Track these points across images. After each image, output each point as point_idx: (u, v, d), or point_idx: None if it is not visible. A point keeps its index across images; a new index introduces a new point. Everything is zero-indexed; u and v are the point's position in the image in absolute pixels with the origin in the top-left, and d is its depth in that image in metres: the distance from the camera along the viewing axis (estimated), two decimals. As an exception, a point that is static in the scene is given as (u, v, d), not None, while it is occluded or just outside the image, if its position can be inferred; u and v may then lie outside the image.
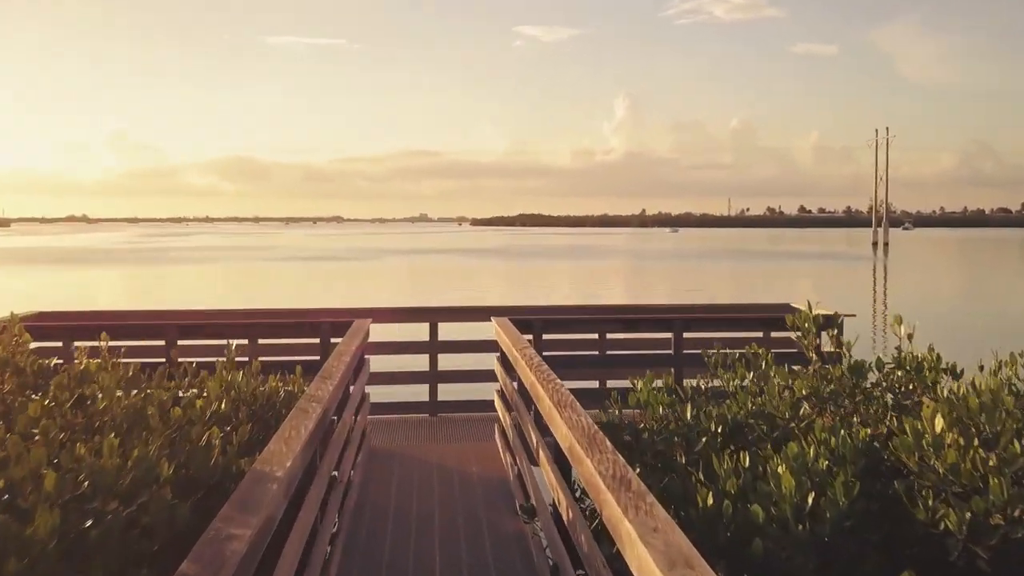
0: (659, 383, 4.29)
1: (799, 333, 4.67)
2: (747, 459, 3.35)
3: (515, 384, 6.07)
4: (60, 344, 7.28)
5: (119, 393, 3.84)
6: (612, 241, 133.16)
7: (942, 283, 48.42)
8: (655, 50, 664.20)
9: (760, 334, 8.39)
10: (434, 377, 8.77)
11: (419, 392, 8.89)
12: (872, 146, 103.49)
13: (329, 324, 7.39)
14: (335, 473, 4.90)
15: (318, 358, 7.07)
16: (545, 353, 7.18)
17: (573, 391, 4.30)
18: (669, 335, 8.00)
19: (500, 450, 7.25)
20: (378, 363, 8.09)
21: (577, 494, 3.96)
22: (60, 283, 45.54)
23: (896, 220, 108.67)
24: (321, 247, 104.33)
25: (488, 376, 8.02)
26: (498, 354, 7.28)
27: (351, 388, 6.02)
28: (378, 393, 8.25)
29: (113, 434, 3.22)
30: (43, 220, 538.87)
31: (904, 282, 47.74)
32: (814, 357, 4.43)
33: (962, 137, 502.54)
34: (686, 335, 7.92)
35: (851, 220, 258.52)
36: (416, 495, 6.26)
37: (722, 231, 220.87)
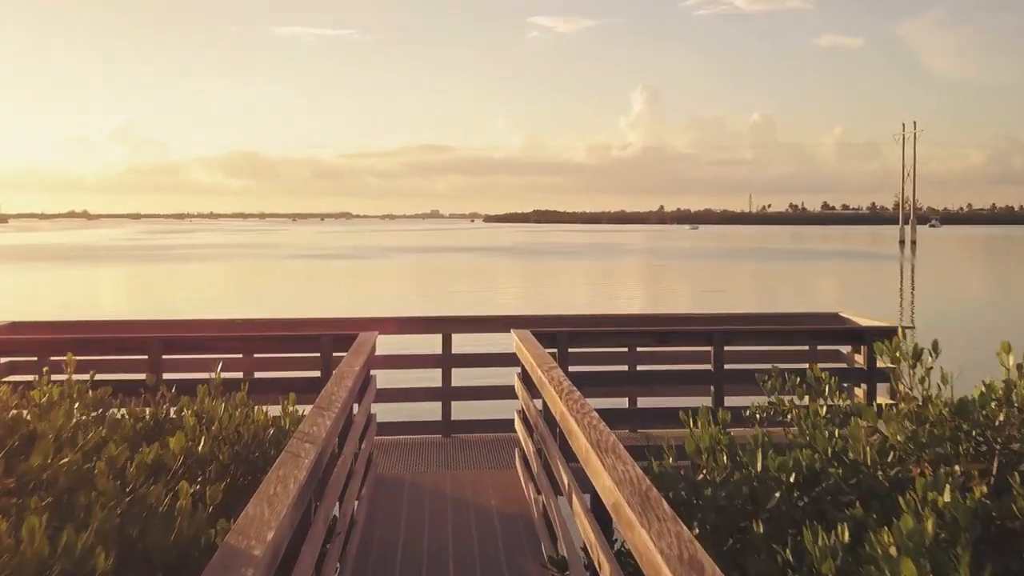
0: (700, 407, 3.63)
1: (862, 352, 4.00)
2: (846, 532, 2.66)
3: (538, 405, 5.52)
4: (35, 359, 6.61)
5: (77, 426, 3.20)
6: (630, 239, 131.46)
7: (977, 284, 46.86)
8: (674, 42, 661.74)
9: (806, 347, 7.74)
10: (448, 394, 8.10)
11: (431, 411, 8.24)
12: (899, 140, 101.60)
13: (330, 337, 6.78)
14: (336, 514, 4.26)
15: (319, 374, 6.55)
16: (571, 368, 6.58)
17: (600, 410, 3.88)
18: (707, 348, 7.31)
19: (522, 479, 6.62)
20: (385, 378, 7.56)
21: (616, 546, 3.33)
22: (39, 283, 44.86)
23: (923, 217, 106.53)
24: (325, 244, 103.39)
25: (507, 393, 7.41)
26: (519, 370, 6.64)
27: (355, 410, 5.45)
28: (385, 411, 7.73)
29: (49, 500, 2.57)
30: (42, 216, 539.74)
31: (937, 284, 46.17)
32: (904, 389, 3.71)
33: (989, 133, 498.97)
34: (727, 348, 7.22)
35: (876, 217, 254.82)
36: (428, 530, 5.66)
37: (743, 228, 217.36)
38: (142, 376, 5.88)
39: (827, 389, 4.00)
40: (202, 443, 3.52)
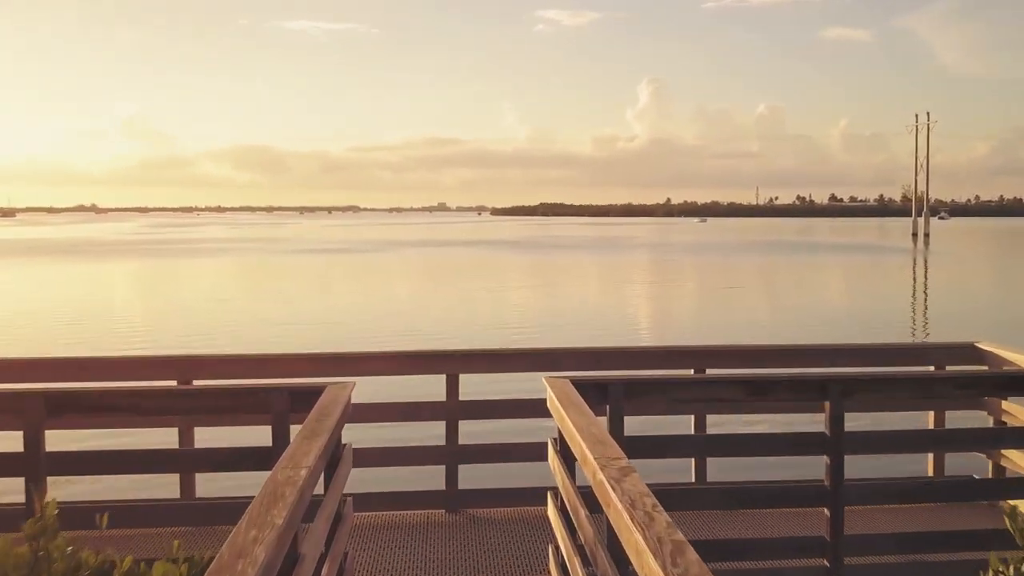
0: None
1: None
2: None
3: (577, 487, 4.04)
4: None
5: None
6: (640, 232, 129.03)
7: (1002, 278, 44.73)
8: (680, 34, 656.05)
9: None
10: (453, 455, 6.23)
11: (431, 476, 6.34)
12: (912, 132, 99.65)
13: (286, 395, 4.55)
14: None
15: (269, 446, 4.44)
16: (628, 434, 4.65)
17: (661, 489, 3.05)
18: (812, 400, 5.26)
19: None
20: (369, 434, 6.37)
21: None
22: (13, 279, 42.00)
23: (932, 209, 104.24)
24: (329, 238, 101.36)
25: (534, 453, 5.55)
26: (553, 437, 4.78)
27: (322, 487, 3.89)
28: (369, 479, 6.04)
29: None
30: (51, 210, 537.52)
31: (960, 279, 43.85)
32: None
33: (995, 124, 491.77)
34: (846, 402, 4.95)
35: (884, 209, 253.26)
36: None
37: (752, 221, 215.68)
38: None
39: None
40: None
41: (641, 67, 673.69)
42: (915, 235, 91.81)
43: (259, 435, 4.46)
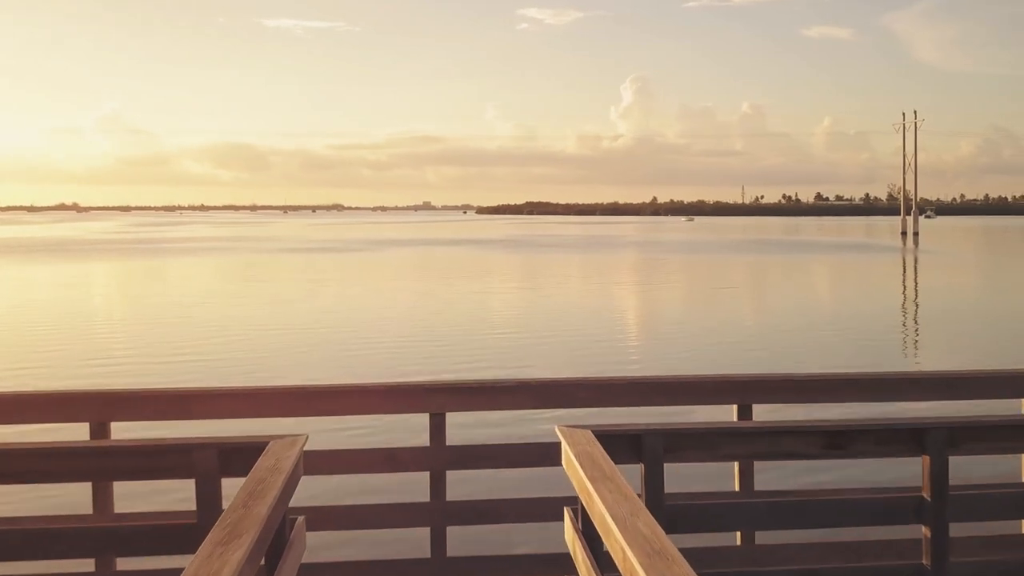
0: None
1: None
2: None
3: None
4: None
5: None
6: (627, 231, 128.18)
7: (1001, 277, 43.84)
8: (663, 32, 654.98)
9: None
10: (440, 514, 4.82)
11: (413, 542, 5.05)
12: (899, 130, 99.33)
13: (214, 454, 3.50)
14: None
15: (193, 522, 3.44)
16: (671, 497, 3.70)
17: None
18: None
19: None
20: (333, 489, 5.54)
21: None
22: None
23: (918, 207, 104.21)
24: (313, 237, 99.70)
25: (542, 511, 4.64)
26: (573, 508, 3.69)
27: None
28: (332, 541, 5.16)
29: None
30: (31, 209, 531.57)
31: (960, 277, 42.82)
32: None
33: (979, 123, 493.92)
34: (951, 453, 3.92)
35: (870, 208, 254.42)
36: None
37: (738, 220, 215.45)
38: None
39: None
40: None
41: (624, 65, 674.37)
42: (904, 234, 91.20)
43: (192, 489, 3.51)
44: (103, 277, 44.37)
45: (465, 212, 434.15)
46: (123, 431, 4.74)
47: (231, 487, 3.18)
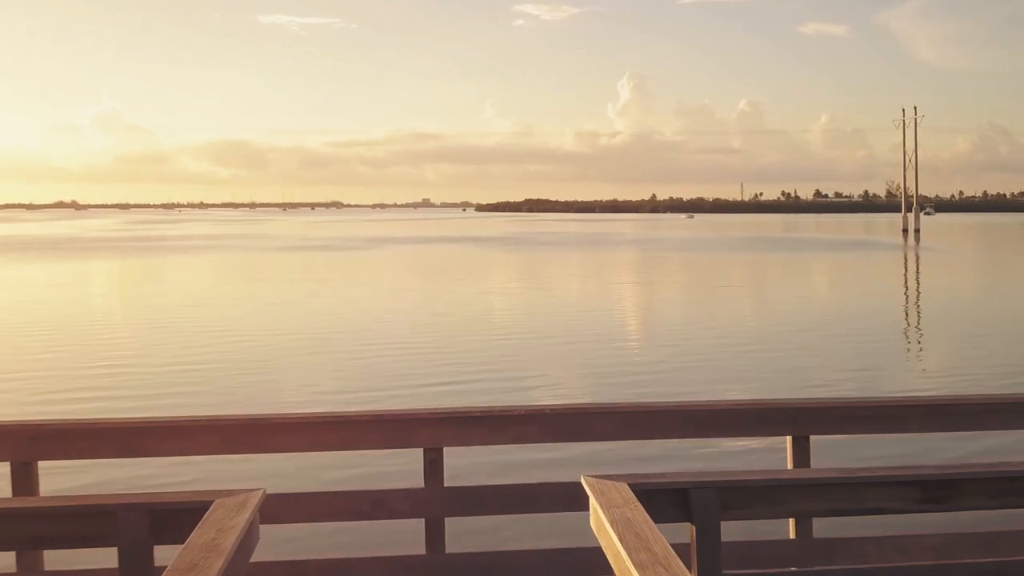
0: None
1: None
2: None
3: None
4: None
5: None
6: (628, 228, 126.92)
7: (1008, 275, 43.00)
8: (659, 28, 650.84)
9: None
10: (438, 570, 4.03)
11: None
12: (899, 126, 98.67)
13: (144, 518, 2.83)
14: None
15: None
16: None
17: None
18: None
19: None
20: (308, 536, 4.83)
21: None
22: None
23: (918, 204, 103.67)
24: (307, 236, 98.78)
25: (571, 566, 3.88)
26: None
27: None
28: None
29: None
30: (30, 207, 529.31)
31: (968, 276, 41.95)
32: None
33: (975, 120, 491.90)
34: None
35: (869, 205, 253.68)
36: None
37: (739, 217, 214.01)
38: None
39: None
40: None
41: (621, 62, 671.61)
42: (905, 231, 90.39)
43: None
44: (86, 277, 43.53)
45: (464, 209, 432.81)
46: (52, 472, 4.06)
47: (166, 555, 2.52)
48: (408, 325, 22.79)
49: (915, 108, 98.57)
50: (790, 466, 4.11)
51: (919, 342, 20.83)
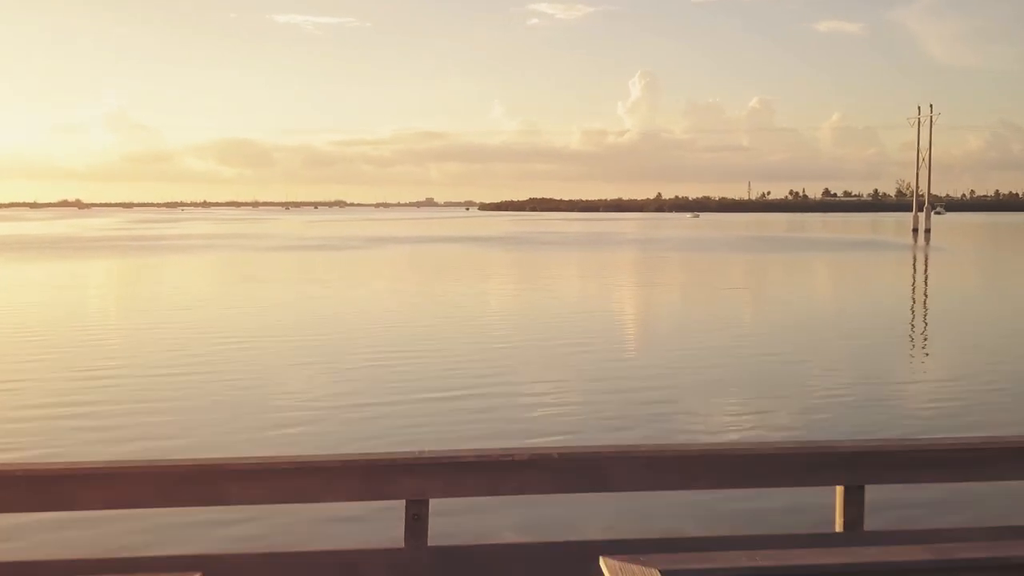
0: None
1: None
2: None
3: None
4: None
5: None
6: (633, 228, 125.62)
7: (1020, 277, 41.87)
8: (671, 27, 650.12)
9: None
10: None
11: None
12: (913, 124, 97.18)
13: None
14: None
15: None
16: None
17: None
18: None
19: None
20: None
21: None
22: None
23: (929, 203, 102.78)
24: (308, 235, 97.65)
25: None
26: None
27: None
28: None
29: None
30: (34, 205, 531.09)
31: (985, 278, 40.44)
32: None
33: (986, 119, 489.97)
34: None
35: (878, 204, 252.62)
36: None
37: (745, 216, 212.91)
38: None
39: None
40: None
41: (632, 60, 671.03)
42: (916, 230, 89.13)
43: None
44: (76, 278, 41.97)
45: (468, 209, 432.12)
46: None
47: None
48: (396, 331, 21.30)
49: (931, 106, 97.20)
50: (840, 521, 3.68)
51: (943, 352, 18.91)
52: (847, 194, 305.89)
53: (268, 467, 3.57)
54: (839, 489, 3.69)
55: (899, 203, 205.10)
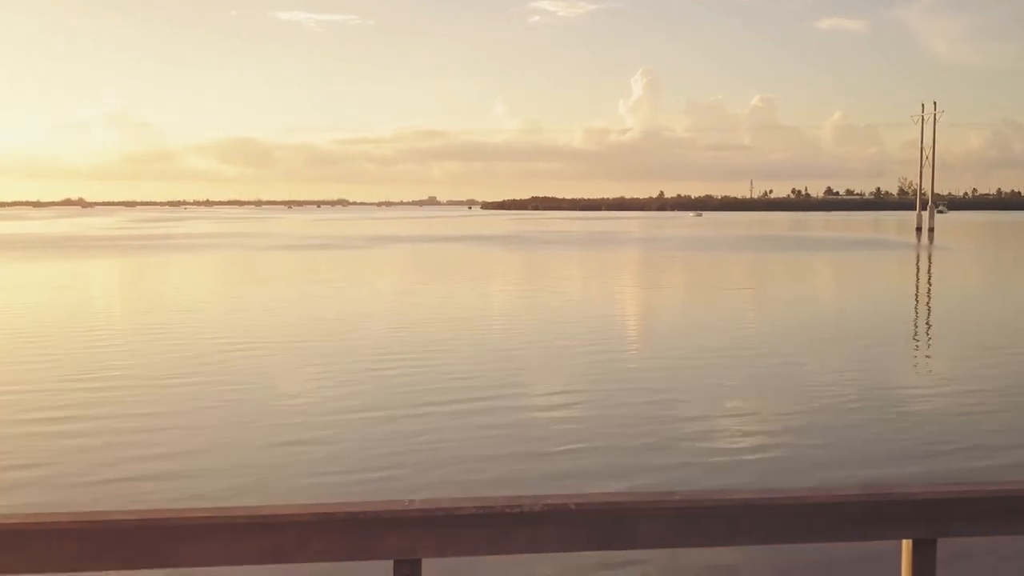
0: None
1: None
2: None
3: None
4: None
5: None
6: (635, 227, 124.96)
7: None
8: (675, 26, 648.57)
9: None
10: None
11: None
12: (917, 122, 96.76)
13: None
14: None
15: None
16: None
17: None
18: None
19: None
20: None
21: None
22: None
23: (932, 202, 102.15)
24: (309, 234, 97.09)
25: None
26: None
27: None
28: None
29: None
30: (37, 204, 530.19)
31: (992, 279, 40.03)
32: None
33: (988, 117, 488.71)
34: None
35: (880, 202, 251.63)
36: None
37: (748, 215, 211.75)
38: None
39: None
40: None
41: (634, 59, 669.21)
42: (919, 229, 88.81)
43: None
44: (74, 277, 41.78)
45: (470, 207, 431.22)
46: None
47: None
48: (401, 334, 21.03)
49: (935, 104, 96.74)
50: None
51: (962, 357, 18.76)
52: (849, 192, 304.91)
53: (226, 522, 2.96)
54: (906, 543, 3.24)
55: (901, 201, 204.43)
